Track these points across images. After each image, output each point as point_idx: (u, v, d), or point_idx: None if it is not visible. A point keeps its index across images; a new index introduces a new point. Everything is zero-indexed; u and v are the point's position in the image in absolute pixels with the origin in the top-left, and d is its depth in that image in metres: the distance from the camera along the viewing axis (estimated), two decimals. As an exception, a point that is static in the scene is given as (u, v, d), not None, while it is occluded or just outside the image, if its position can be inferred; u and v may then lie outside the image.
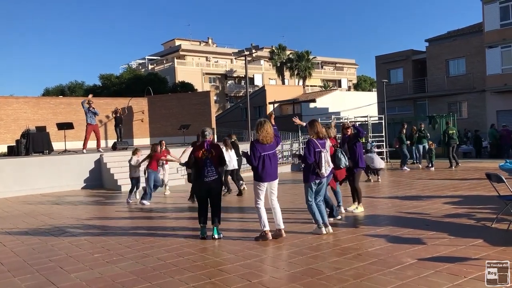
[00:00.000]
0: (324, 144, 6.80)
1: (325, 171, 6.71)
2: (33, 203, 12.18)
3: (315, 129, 6.80)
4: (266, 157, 6.56)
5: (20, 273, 5.56)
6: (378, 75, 36.64)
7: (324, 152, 6.72)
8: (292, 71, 56.31)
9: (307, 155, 6.70)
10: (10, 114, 20.49)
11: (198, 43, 67.66)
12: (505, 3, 27.35)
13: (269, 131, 6.56)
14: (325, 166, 6.68)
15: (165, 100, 25.11)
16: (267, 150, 6.57)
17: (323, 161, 6.65)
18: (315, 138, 6.77)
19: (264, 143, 6.55)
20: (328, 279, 4.76)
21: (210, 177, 6.65)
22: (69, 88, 53.81)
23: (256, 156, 6.52)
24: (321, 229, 6.79)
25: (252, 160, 6.52)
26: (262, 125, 6.57)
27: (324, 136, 6.85)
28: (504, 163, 8.50)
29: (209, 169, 6.65)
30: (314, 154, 6.67)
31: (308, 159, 6.67)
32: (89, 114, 16.10)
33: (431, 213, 8.17)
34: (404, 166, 17.36)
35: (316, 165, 6.65)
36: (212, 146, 6.91)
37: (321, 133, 6.81)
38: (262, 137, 6.52)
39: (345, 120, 21.66)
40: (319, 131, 6.80)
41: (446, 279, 4.56)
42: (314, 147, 6.69)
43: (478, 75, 29.56)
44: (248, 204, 9.96)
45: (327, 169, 6.73)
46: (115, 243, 6.96)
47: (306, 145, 6.87)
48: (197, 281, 4.90)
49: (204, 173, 6.64)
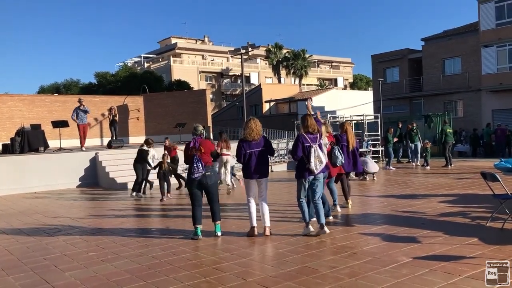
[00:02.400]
0: (315, 139, 6.57)
1: (315, 167, 6.43)
2: (28, 202, 12.13)
3: (306, 123, 6.66)
4: (253, 155, 6.61)
5: (15, 272, 5.52)
6: (374, 74, 36.68)
7: (315, 146, 6.50)
8: (288, 69, 56.30)
9: (294, 149, 6.60)
10: (5, 112, 20.37)
11: (194, 41, 67.55)
12: (501, 3, 27.44)
13: (253, 127, 6.63)
14: (315, 161, 6.42)
15: (161, 98, 25.06)
16: (253, 147, 6.63)
17: (312, 156, 6.41)
18: (305, 133, 6.62)
19: (249, 140, 6.62)
20: (324, 278, 4.76)
21: (196, 174, 6.66)
22: (64, 86, 53.63)
23: (242, 154, 6.60)
24: (309, 227, 6.62)
25: (240, 157, 6.64)
26: (247, 122, 6.72)
27: (315, 131, 6.65)
28: (499, 162, 8.50)
29: (195, 165, 6.66)
30: (303, 149, 6.50)
31: (295, 154, 6.54)
32: (80, 114, 16.17)
33: (427, 212, 8.18)
34: (390, 166, 17.37)
35: (306, 160, 6.48)
36: (202, 143, 6.88)
37: (312, 128, 6.63)
38: (246, 134, 6.64)
39: (341, 118, 21.71)
40: (310, 125, 6.63)
41: (441, 278, 4.57)
42: (303, 141, 6.53)
43: (473, 74, 29.65)
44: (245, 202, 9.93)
45: (317, 165, 6.46)
46: (110, 241, 6.94)
47: (295, 140, 6.77)
48: (192, 280, 4.89)
49: (191, 170, 6.70)
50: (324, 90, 50.18)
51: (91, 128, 22.65)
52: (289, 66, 55.96)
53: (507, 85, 27.20)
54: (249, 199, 6.80)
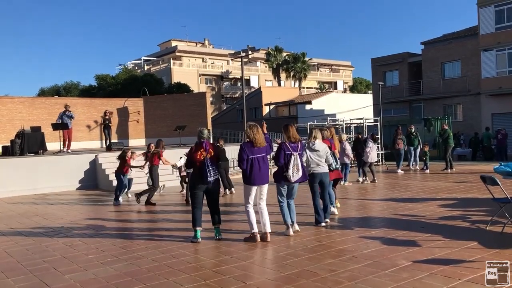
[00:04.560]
0: (296, 148, 6.88)
1: (292, 175, 6.72)
2: (27, 204, 12.12)
3: (288, 133, 6.98)
4: (255, 161, 6.58)
5: (14, 274, 5.52)
6: (373, 78, 36.75)
7: (295, 155, 6.79)
8: (288, 72, 56.36)
9: (277, 157, 6.88)
10: (5, 114, 20.39)
11: (194, 44, 67.64)
12: (500, 7, 27.53)
13: (261, 134, 6.64)
14: (293, 169, 6.72)
15: (161, 101, 25.06)
16: (256, 153, 6.61)
17: (291, 164, 6.72)
18: (287, 141, 6.93)
19: (254, 146, 6.60)
20: (323, 281, 4.76)
21: (212, 177, 6.65)
22: (64, 88, 53.58)
23: (244, 159, 6.57)
24: (289, 230, 6.91)
25: (242, 163, 6.60)
26: (252, 128, 6.66)
27: (296, 140, 6.96)
28: (498, 166, 8.50)
29: (210, 168, 6.64)
30: (284, 156, 6.81)
31: (278, 161, 6.86)
32: (65, 119, 16.67)
33: (426, 215, 8.18)
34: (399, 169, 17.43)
35: (285, 167, 6.77)
36: (211, 146, 6.93)
37: (293, 137, 6.95)
38: (256, 142, 6.57)
39: (341, 122, 21.70)
40: (292, 135, 6.95)
41: (441, 282, 4.57)
42: (285, 149, 6.84)
43: (473, 78, 29.70)
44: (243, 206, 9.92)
45: (294, 173, 6.74)
46: (110, 244, 6.93)
47: (277, 148, 7.01)
48: (191, 283, 4.89)
49: (206, 173, 6.60)
50: (324, 93, 50.25)
51: (91, 131, 22.71)
52: (289, 69, 56.02)
53: (507, 89, 27.25)
54: (247, 205, 6.73)
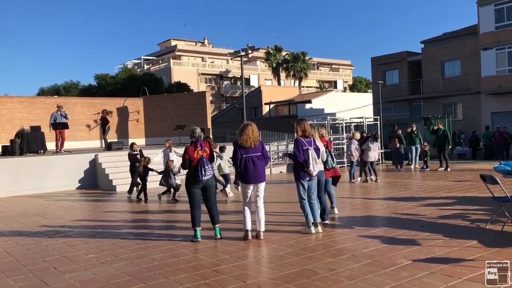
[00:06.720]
0: (310, 142, 6.94)
1: (313, 168, 6.80)
2: (27, 203, 12.12)
3: (302, 127, 6.98)
4: (249, 160, 6.59)
5: (14, 274, 5.52)
6: (373, 77, 36.73)
7: (311, 150, 6.85)
8: (288, 72, 56.33)
9: (297, 153, 6.84)
10: (5, 113, 20.36)
11: (194, 43, 67.59)
12: (500, 6, 27.51)
13: (250, 135, 6.59)
14: (313, 163, 6.79)
15: (161, 100, 25.05)
16: (249, 152, 6.62)
17: (311, 159, 6.78)
18: (301, 137, 6.94)
19: (246, 147, 6.60)
20: (323, 280, 4.76)
21: (208, 175, 6.68)
22: (64, 88, 53.60)
23: (238, 158, 6.61)
24: (310, 228, 6.87)
25: (236, 162, 6.66)
26: (244, 128, 6.65)
27: (310, 135, 7.00)
28: (498, 165, 8.49)
29: (206, 167, 6.67)
30: (302, 152, 6.83)
31: (299, 157, 6.82)
32: (58, 119, 16.69)
33: (426, 214, 8.18)
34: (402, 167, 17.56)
35: (305, 163, 6.79)
36: (206, 145, 6.95)
37: (307, 132, 6.97)
38: (242, 140, 6.60)
39: (340, 121, 21.68)
40: (306, 129, 6.97)
41: (441, 280, 4.57)
42: (302, 145, 6.86)
43: (473, 77, 29.69)
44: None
45: (315, 167, 6.83)
46: (110, 243, 6.93)
47: (295, 144, 7.01)
48: (192, 282, 4.89)
49: (202, 171, 6.63)
50: (323, 92, 50.22)
51: (90, 130, 22.70)
52: (288, 68, 56.00)
53: (506, 87, 27.25)
54: (244, 204, 6.79)
